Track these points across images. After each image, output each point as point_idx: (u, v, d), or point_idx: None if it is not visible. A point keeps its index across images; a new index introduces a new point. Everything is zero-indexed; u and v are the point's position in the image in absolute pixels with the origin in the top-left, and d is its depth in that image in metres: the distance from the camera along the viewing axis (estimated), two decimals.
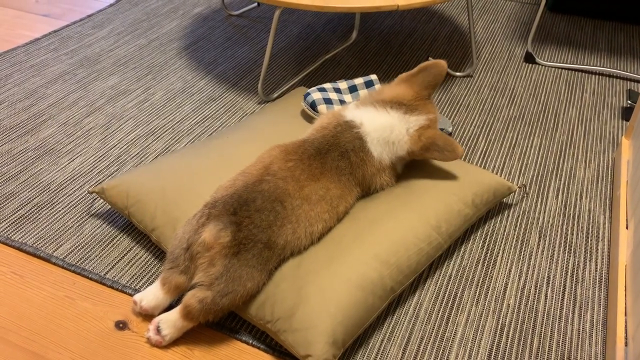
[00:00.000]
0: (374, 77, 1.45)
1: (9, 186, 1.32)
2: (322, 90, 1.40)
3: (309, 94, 1.39)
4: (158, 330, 0.98)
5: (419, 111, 1.17)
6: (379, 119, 1.15)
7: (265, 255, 0.98)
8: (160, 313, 1.02)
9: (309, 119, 1.39)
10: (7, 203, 1.27)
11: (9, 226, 1.22)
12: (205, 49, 1.89)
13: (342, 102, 1.40)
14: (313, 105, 1.37)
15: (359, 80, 1.45)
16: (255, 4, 2.19)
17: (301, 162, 1.07)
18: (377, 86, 1.44)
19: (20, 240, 1.18)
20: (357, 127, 1.13)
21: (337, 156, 1.10)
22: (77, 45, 1.89)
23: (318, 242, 1.06)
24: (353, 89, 1.44)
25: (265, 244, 0.98)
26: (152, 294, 1.01)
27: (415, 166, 1.24)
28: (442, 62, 1.19)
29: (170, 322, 0.98)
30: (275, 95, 1.67)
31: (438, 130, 1.18)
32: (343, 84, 1.45)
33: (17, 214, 1.25)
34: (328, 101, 1.38)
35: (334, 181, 1.08)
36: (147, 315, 1.04)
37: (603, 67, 1.87)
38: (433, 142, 1.15)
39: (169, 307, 1.02)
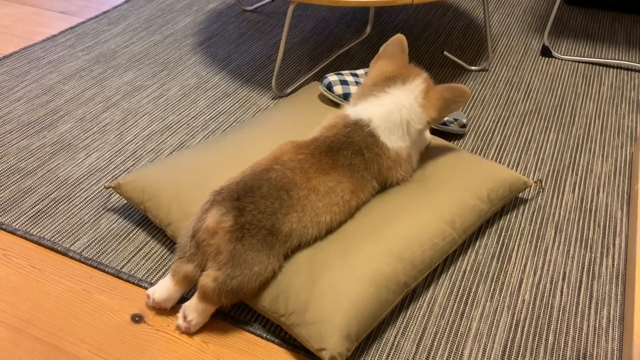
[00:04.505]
0: None
1: (27, 181, 1.34)
2: (339, 74, 1.44)
3: (326, 77, 1.42)
4: (185, 317, 1.00)
5: (412, 76, 1.16)
6: (384, 106, 1.14)
7: (269, 241, 0.99)
8: (172, 305, 1.03)
9: (326, 107, 1.39)
10: (26, 198, 1.29)
11: (27, 220, 1.23)
12: (220, 45, 1.90)
13: (358, 84, 1.41)
14: (329, 87, 1.40)
15: None
16: None
17: (312, 157, 1.07)
18: None
19: (38, 235, 1.20)
20: (366, 126, 1.12)
21: (350, 154, 1.09)
22: (93, 41, 1.90)
23: (329, 235, 1.06)
24: None
25: (269, 230, 0.98)
26: (163, 287, 1.02)
27: (429, 161, 1.24)
28: (399, 35, 1.22)
29: (192, 306, 1.00)
30: (289, 90, 1.67)
31: (437, 85, 1.17)
32: (360, 71, 1.48)
33: (35, 208, 1.27)
34: (344, 82, 1.40)
35: (346, 176, 1.08)
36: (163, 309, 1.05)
37: (621, 60, 1.84)
38: (444, 99, 1.14)
39: (183, 300, 1.03)
